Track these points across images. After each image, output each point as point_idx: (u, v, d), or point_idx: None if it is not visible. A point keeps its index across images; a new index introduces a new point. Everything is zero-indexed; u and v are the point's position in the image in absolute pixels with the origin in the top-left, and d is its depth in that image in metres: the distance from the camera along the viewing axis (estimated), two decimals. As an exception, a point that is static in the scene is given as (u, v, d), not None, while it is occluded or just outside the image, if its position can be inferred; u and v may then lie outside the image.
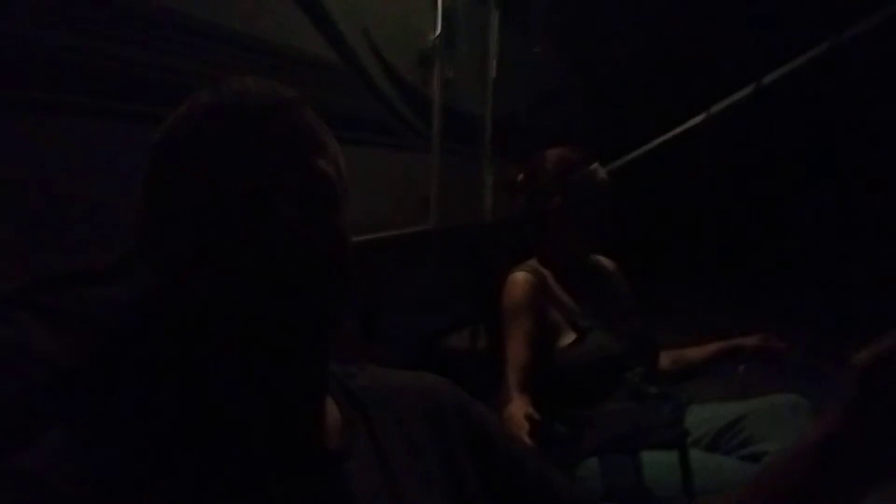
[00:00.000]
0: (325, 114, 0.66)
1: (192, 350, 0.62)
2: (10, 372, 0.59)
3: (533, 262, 1.90)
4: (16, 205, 1.11)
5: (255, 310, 0.58)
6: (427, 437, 0.74)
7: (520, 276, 1.82)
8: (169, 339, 0.63)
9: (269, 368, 0.60)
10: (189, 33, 1.46)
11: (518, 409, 1.58)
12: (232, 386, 0.62)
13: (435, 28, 2.82)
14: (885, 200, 6.07)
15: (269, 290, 0.57)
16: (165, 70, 1.38)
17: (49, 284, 0.66)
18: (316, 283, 0.60)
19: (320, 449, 0.66)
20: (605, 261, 2.04)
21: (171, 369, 0.63)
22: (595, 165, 1.90)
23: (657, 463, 1.54)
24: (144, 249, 0.63)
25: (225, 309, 0.58)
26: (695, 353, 1.99)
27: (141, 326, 0.65)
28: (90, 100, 1.22)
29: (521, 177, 1.98)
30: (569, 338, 1.77)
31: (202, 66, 1.48)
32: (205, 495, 0.58)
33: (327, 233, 0.61)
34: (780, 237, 6.78)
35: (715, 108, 4.93)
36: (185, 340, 0.62)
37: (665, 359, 1.98)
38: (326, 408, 0.68)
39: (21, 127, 1.11)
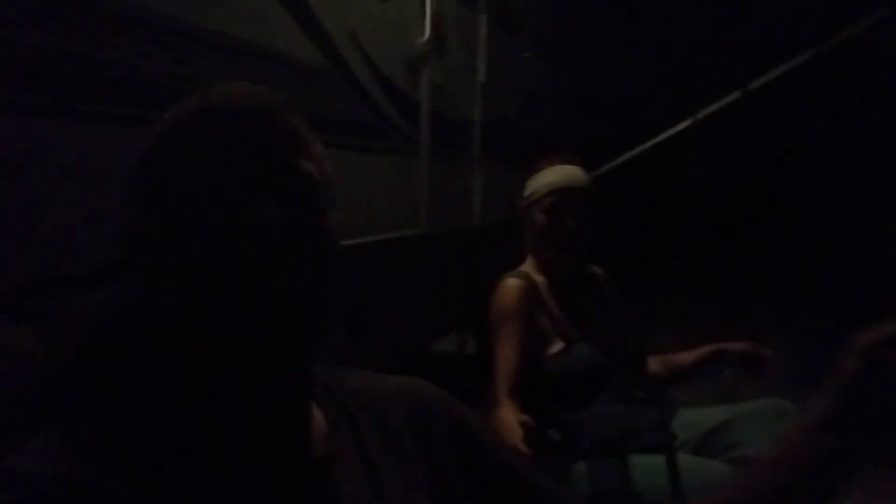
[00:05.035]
0: (313, 118, 0.66)
1: (178, 354, 0.61)
2: (-4, 376, 0.59)
3: (525, 269, 1.92)
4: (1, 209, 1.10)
5: (240, 312, 0.58)
6: (413, 442, 0.74)
7: (511, 283, 1.83)
8: (155, 342, 0.63)
9: (254, 372, 0.60)
10: (177, 37, 1.46)
11: (506, 413, 1.59)
12: (217, 390, 0.61)
13: (424, 32, 2.83)
14: (876, 205, 6.12)
15: (253, 292, 0.57)
16: (153, 74, 1.38)
17: (36, 288, 0.65)
18: (301, 284, 0.59)
19: (306, 455, 0.66)
20: (594, 268, 2.06)
21: (157, 373, 0.62)
22: (582, 174, 1.92)
23: (645, 466, 1.54)
24: (131, 253, 0.63)
25: (210, 311, 0.58)
26: (683, 357, 2.01)
27: (128, 330, 0.65)
28: (76, 103, 1.21)
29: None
30: (557, 346, 1.78)
31: (190, 69, 1.48)
32: (191, 501, 0.58)
33: (312, 235, 0.61)
34: (768, 242, 6.81)
35: (701, 114, 4.97)
36: (172, 344, 0.62)
37: (654, 363, 2.00)
38: (312, 413, 0.68)
39: (5, 130, 1.10)
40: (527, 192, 1.93)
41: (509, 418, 1.55)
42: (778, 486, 0.67)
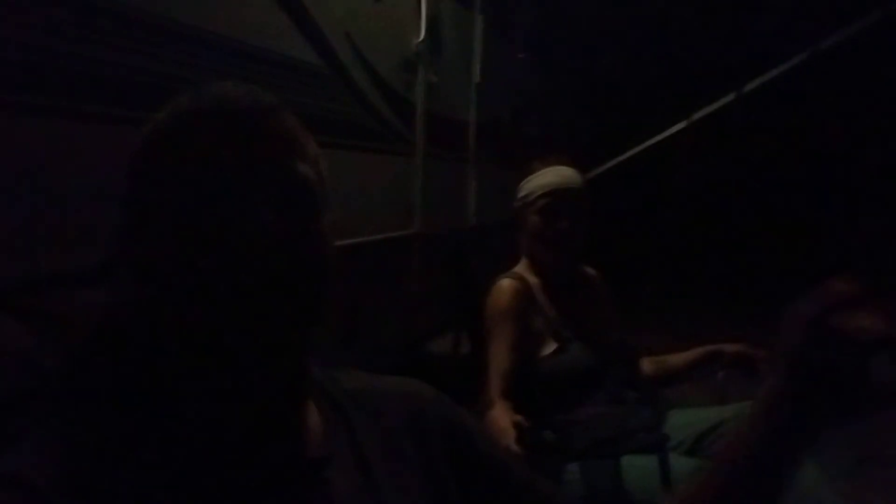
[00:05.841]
0: (307, 118, 0.66)
1: (172, 353, 0.61)
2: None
3: (519, 270, 1.92)
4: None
5: (235, 312, 0.58)
6: (409, 443, 0.74)
7: (505, 283, 1.84)
8: (150, 343, 0.62)
9: (249, 371, 0.60)
10: (171, 36, 1.45)
11: (500, 414, 1.59)
12: (212, 390, 0.62)
13: (419, 33, 2.83)
14: (871, 206, 6.14)
15: (248, 294, 0.57)
16: (147, 74, 1.38)
17: (30, 287, 0.65)
18: (296, 286, 0.59)
19: (301, 455, 0.66)
20: (588, 270, 2.06)
21: (152, 373, 0.62)
22: (577, 176, 1.92)
23: (638, 467, 1.55)
24: (125, 253, 0.63)
25: (204, 312, 0.58)
26: (677, 358, 2.01)
27: (122, 329, 0.65)
28: (68, 103, 1.21)
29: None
30: (550, 347, 1.78)
31: (183, 69, 1.48)
32: (187, 500, 0.58)
33: (307, 236, 0.61)
34: (762, 244, 6.83)
35: (696, 116, 4.99)
36: (166, 344, 0.61)
37: (648, 365, 2.00)
38: (307, 413, 0.68)
39: (5, 130, 1.10)
40: (521, 194, 1.94)
41: (503, 419, 1.55)
42: (742, 465, 0.68)
